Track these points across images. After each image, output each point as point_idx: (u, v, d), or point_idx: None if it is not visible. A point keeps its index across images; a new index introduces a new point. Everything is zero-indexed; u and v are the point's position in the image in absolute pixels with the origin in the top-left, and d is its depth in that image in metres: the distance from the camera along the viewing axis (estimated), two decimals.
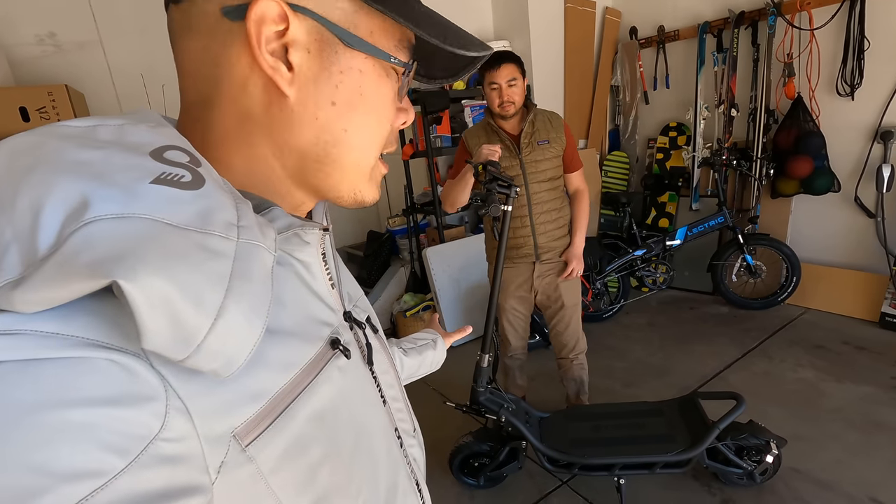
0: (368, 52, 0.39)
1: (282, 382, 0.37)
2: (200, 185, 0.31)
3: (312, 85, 0.38)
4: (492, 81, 1.86)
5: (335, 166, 0.41)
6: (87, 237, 0.25)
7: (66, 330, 0.27)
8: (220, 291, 0.29)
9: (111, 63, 3.32)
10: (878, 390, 2.35)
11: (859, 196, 3.07)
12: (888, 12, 2.78)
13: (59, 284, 0.25)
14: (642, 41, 3.97)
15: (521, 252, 2.01)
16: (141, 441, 0.28)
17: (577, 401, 2.26)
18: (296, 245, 0.42)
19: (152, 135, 0.33)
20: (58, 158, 0.28)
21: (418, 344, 0.87)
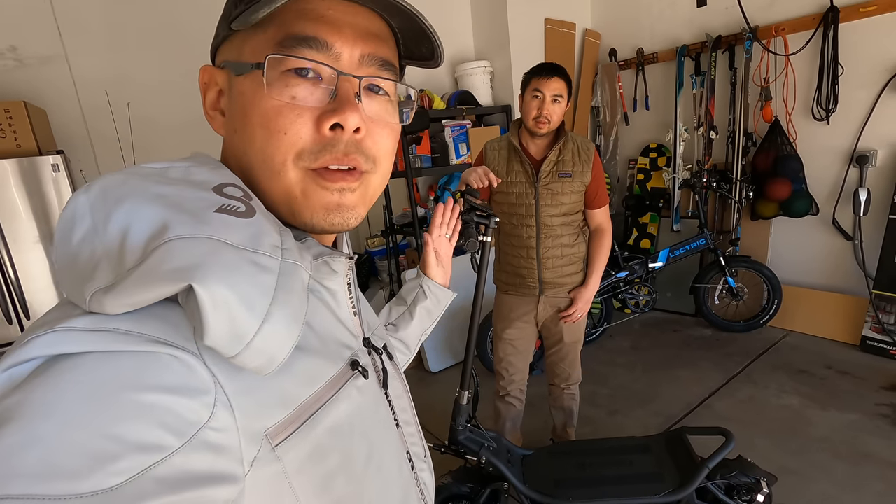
0: (237, 70, 0.42)
1: (307, 394, 0.41)
2: (252, 215, 0.37)
3: (229, 121, 0.45)
4: (536, 89, 1.69)
5: (260, 192, 0.43)
6: (168, 251, 0.31)
7: (139, 329, 0.32)
8: (267, 299, 0.34)
9: (77, 78, 3.18)
10: (864, 418, 2.32)
11: (837, 219, 3.09)
12: (860, 40, 2.83)
13: (144, 289, 0.31)
14: (622, 63, 3.99)
15: (525, 283, 1.87)
16: (193, 426, 0.32)
17: (563, 433, 2.17)
18: (325, 274, 0.47)
19: (213, 174, 0.40)
20: (141, 192, 0.34)
21: (408, 302, 0.88)
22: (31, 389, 0.29)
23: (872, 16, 2.75)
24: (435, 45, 0.47)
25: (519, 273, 1.88)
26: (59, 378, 0.29)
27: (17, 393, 0.29)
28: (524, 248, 1.85)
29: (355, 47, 0.42)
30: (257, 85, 0.41)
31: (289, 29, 0.41)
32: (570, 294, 1.91)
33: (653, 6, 3.73)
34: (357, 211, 0.45)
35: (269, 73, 0.40)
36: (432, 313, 0.89)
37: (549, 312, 1.94)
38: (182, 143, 3.20)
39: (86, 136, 3.19)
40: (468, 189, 1.55)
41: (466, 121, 3.45)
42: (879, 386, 2.56)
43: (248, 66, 0.41)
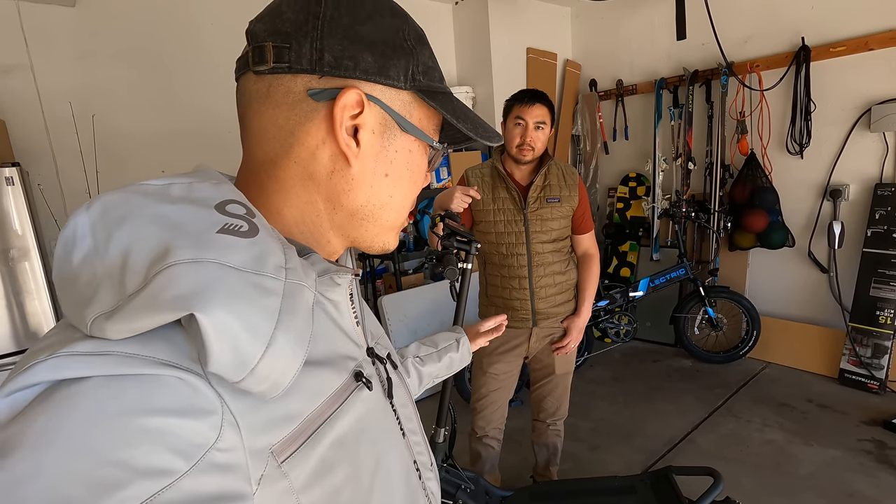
0: (418, 136, 0.47)
1: (311, 408, 0.41)
2: (255, 234, 0.37)
3: (372, 159, 0.46)
4: (519, 116, 1.65)
5: (376, 223, 0.48)
6: (169, 277, 0.31)
7: (143, 352, 0.32)
8: (271, 323, 0.34)
9: (41, 89, 3.04)
10: (846, 454, 2.28)
11: (813, 251, 3.12)
12: (831, 78, 2.92)
13: (146, 316, 0.31)
14: (602, 93, 4.05)
15: (518, 315, 1.78)
16: (200, 449, 0.32)
17: (545, 472, 2.06)
18: (328, 286, 0.47)
19: (215, 191, 0.39)
20: (143, 212, 0.34)
21: (439, 347, 0.94)
22: (33, 417, 0.29)
23: (842, 56, 2.85)
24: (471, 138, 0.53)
25: (511, 305, 1.78)
26: (61, 404, 0.29)
27: (20, 421, 0.29)
28: (516, 277, 1.76)
29: None
30: (423, 152, 0.49)
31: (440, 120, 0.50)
32: (562, 324, 1.84)
33: (631, 40, 3.81)
34: None
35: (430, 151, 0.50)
36: (450, 368, 0.95)
37: (541, 344, 1.85)
38: (148, 157, 3.09)
39: (48, 150, 3.03)
40: (448, 213, 1.48)
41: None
42: (860, 420, 2.53)
43: (429, 139, 0.48)
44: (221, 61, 3.45)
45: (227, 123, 3.31)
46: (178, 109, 3.14)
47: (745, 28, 3.21)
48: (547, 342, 1.84)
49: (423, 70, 0.46)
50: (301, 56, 0.42)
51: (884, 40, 2.70)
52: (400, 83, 0.45)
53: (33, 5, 2.97)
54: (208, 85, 3.18)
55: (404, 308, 3.10)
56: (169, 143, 3.12)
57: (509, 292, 1.77)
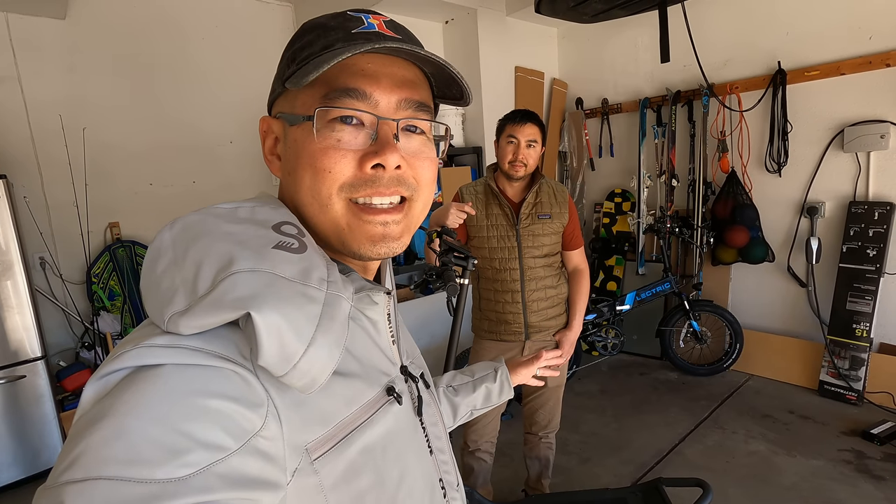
0: (291, 121, 0.48)
1: (345, 414, 0.45)
2: (304, 251, 0.42)
3: (285, 165, 0.50)
4: (511, 135, 1.71)
5: (312, 225, 0.49)
6: (232, 282, 0.37)
7: (207, 347, 0.38)
8: (313, 326, 0.39)
9: (29, 100, 3.01)
10: (828, 464, 2.34)
11: (792, 266, 3.22)
12: (806, 100, 3.05)
13: (212, 314, 0.37)
14: (588, 111, 4.15)
15: (510, 329, 1.82)
16: (248, 433, 0.37)
17: (536, 485, 2.07)
18: (367, 304, 0.51)
19: (273, 213, 0.45)
20: (214, 230, 0.41)
21: (476, 376, 0.93)
22: (120, 393, 0.35)
23: (816, 79, 2.98)
24: (462, 88, 0.52)
25: (504, 319, 1.82)
26: (142, 384, 0.35)
27: (110, 397, 0.35)
28: (509, 292, 1.80)
29: (392, 94, 0.47)
30: (308, 133, 0.47)
31: (333, 83, 0.46)
32: (554, 337, 1.87)
33: (616, 61, 3.93)
34: (402, 240, 0.50)
35: (318, 122, 0.46)
36: (489, 399, 0.92)
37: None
38: (137, 169, 3.07)
39: (34, 161, 2.99)
40: (445, 229, 1.51)
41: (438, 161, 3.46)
42: (839, 431, 2.61)
43: (300, 118, 0.47)
44: (211, 76, 3.47)
45: (217, 137, 3.33)
46: (168, 123, 3.13)
47: (724, 52, 3.34)
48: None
49: (293, 59, 0.48)
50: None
51: (854, 66, 2.84)
52: (279, 88, 0.50)
53: (22, 17, 2.96)
54: (198, 99, 3.18)
55: None
56: (158, 157, 3.11)
57: (502, 306, 1.80)
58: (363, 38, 0.47)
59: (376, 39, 0.47)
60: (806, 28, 3.00)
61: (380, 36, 0.48)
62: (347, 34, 0.47)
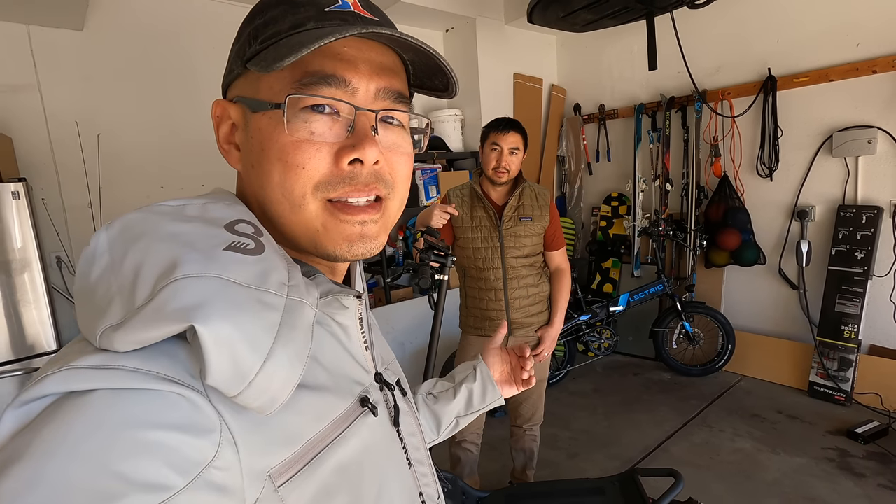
0: (255, 108, 0.43)
1: (314, 431, 0.41)
2: (261, 252, 0.37)
3: (245, 156, 0.45)
4: (495, 142, 1.81)
5: (279, 225, 0.44)
6: (174, 291, 0.32)
7: (147, 367, 0.33)
8: (271, 337, 0.34)
9: (47, 108, 3.18)
10: (811, 461, 2.39)
11: (783, 269, 3.27)
12: (796, 106, 3.11)
13: (151, 328, 0.32)
14: (585, 117, 4.24)
15: (494, 325, 1.91)
16: (198, 466, 0.32)
17: (521, 476, 2.16)
18: (336, 309, 0.47)
19: (227, 210, 0.40)
20: (157, 230, 0.36)
21: (456, 380, 0.84)
22: (40, 427, 0.30)
23: (805, 86, 3.04)
24: (450, 79, 0.47)
25: (488, 315, 1.92)
26: (66, 416, 0.30)
27: (28, 432, 0.30)
28: (492, 290, 1.90)
29: (371, 82, 0.43)
30: (276, 122, 0.41)
31: (306, 67, 0.41)
32: (536, 333, 1.96)
33: (613, 67, 4.02)
34: (379, 239, 0.46)
35: (289, 110, 0.41)
36: (470, 403, 0.82)
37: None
38: (149, 173, 3.22)
39: (51, 165, 3.15)
40: (429, 229, 1.61)
41: (437, 165, 3.57)
42: (825, 430, 2.65)
43: (267, 105, 0.41)
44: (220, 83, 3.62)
45: None
46: (178, 128, 3.28)
47: (716, 58, 3.41)
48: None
49: (255, 36, 0.43)
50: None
51: (842, 72, 2.90)
52: (238, 69, 0.44)
53: (42, 28, 3.13)
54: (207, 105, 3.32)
55: (393, 321, 3.21)
56: (169, 161, 3.25)
57: (486, 303, 1.90)
58: (338, 17, 0.42)
59: (353, 20, 0.43)
60: (795, 36, 3.06)
61: (356, 17, 0.43)
62: (320, 12, 0.42)
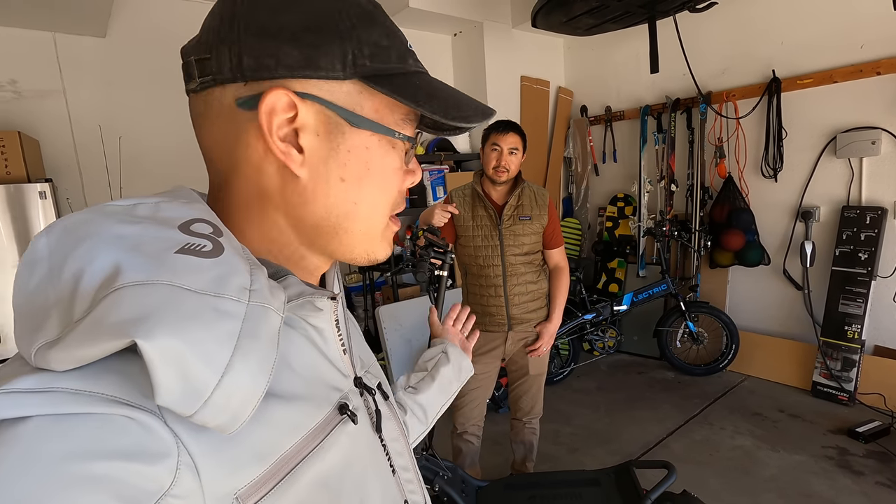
0: (373, 129, 0.42)
1: (287, 445, 0.38)
2: (219, 254, 0.34)
3: (322, 165, 0.41)
4: (495, 143, 1.88)
5: (348, 235, 0.44)
6: (116, 300, 0.29)
7: (91, 388, 0.29)
8: (229, 349, 0.31)
9: (72, 112, 3.33)
10: (810, 459, 2.42)
11: (787, 269, 3.29)
12: (800, 107, 3.13)
13: (89, 344, 0.29)
14: (592, 118, 4.29)
15: (494, 320, 1.98)
16: (152, 497, 0.29)
17: (521, 467, 2.22)
18: (310, 311, 0.43)
19: (183, 209, 0.37)
20: (101, 233, 0.32)
21: (430, 368, 0.84)
22: None
23: (809, 87, 3.06)
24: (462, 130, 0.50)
25: (488, 311, 1.99)
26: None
27: None
28: (492, 286, 1.97)
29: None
30: (385, 145, 0.43)
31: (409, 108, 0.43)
32: (535, 328, 2.03)
33: (619, 70, 4.06)
34: None
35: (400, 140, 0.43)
36: (451, 384, 0.83)
37: (516, 347, 2.04)
38: (170, 178, 3.35)
39: (75, 167, 3.30)
40: (430, 227, 1.69)
41: (444, 166, 3.66)
42: (826, 429, 2.67)
43: (389, 131, 0.42)
44: None
45: None
46: None
47: (721, 61, 3.44)
48: (521, 345, 2.02)
49: (372, 52, 0.40)
50: (222, 64, 0.38)
51: (846, 74, 2.91)
52: (336, 73, 0.39)
53: (67, 36, 3.28)
54: None
55: (400, 318, 3.29)
56: (188, 163, 3.37)
57: (486, 299, 1.97)
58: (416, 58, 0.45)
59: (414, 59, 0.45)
60: (800, 38, 3.08)
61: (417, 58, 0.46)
62: (407, 48, 0.44)
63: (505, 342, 2.01)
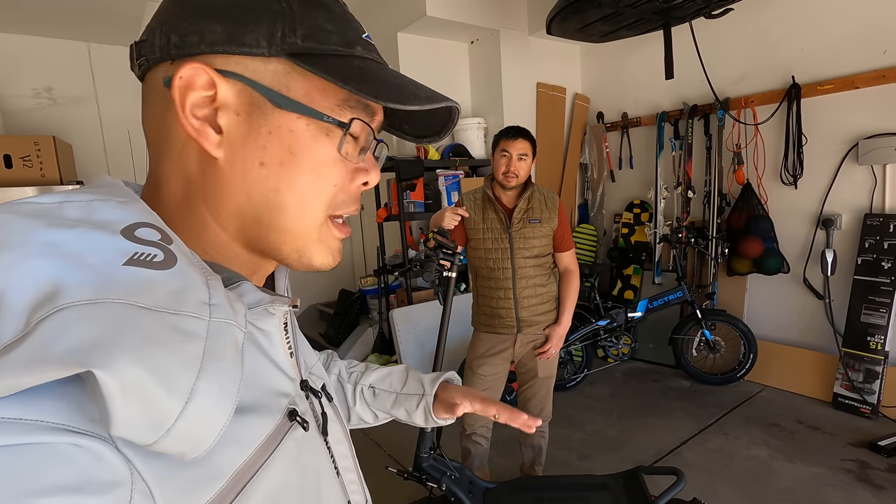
0: (299, 111, 0.39)
1: (240, 460, 0.36)
2: (172, 264, 0.31)
3: (241, 146, 0.38)
4: (504, 149, 1.92)
5: (272, 228, 0.41)
6: (60, 324, 0.25)
7: (28, 415, 0.26)
8: (193, 374, 0.29)
9: (103, 117, 3.48)
10: (828, 472, 2.36)
11: (807, 278, 3.23)
12: (821, 114, 3.08)
13: (29, 372, 0.24)
14: (608, 125, 4.28)
15: (504, 322, 2.00)
16: None
17: (530, 470, 2.23)
18: (260, 315, 0.42)
19: (122, 211, 0.33)
20: (26, 240, 0.27)
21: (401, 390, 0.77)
22: None
23: (830, 93, 3.01)
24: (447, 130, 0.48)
25: (497, 313, 2.01)
26: None
27: None
28: (501, 289, 1.99)
29: (382, 115, 0.46)
30: (317, 132, 0.40)
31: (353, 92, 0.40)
32: (544, 331, 2.04)
33: (636, 76, 4.06)
34: None
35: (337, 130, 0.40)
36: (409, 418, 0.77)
37: (525, 349, 2.06)
38: None
39: (105, 169, 3.45)
40: (440, 230, 1.73)
41: (459, 171, 3.70)
42: (847, 442, 2.60)
43: (318, 114, 0.39)
44: None
45: None
46: None
47: (740, 66, 3.41)
48: (530, 347, 2.04)
49: (306, 33, 0.38)
50: (154, 45, 0.38)
51: (868, 79, 2.86)
52: (261, 49, 0.37)
53: (101, 45, 3.44)
54: None
55: (414, 321, 3.33)
56: None
57: (496, 301, 1.99)
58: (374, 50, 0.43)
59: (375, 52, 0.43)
60: (820, 43, 3.04)
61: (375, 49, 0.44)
62: (359, 36, 0.42)
63: (514, 344, 2.02)
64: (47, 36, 3.26)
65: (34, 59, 3.23)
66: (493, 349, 2.03)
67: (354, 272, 4.77)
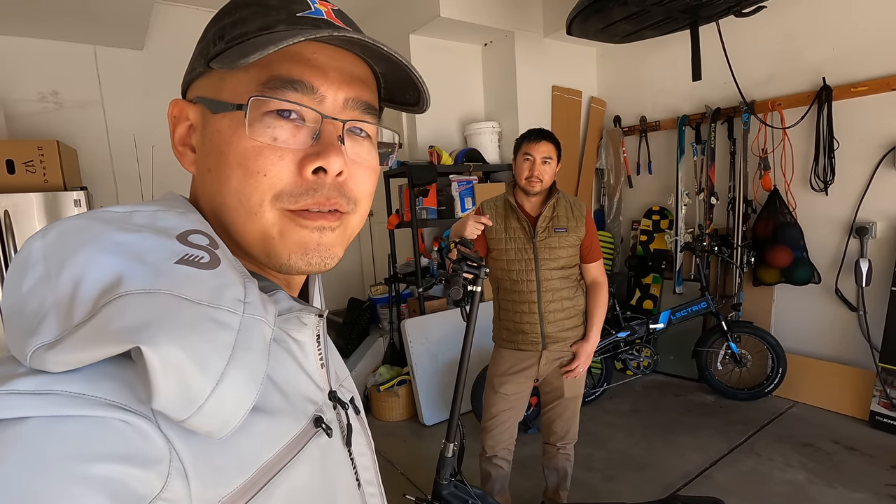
0: (216, 109, 0.41)
1: (266, 456, 0.39)
2: (216, 266, 0.35)
3: (200, 159, 0.44)
4: (527, 152, 1.80)
5: (234, 233, 0.43)
6: (118, 308, 0.30)
7: (89, 391, 0.30)
8: (224, 359, 0.32)
9: (109, 122, 3.40)
10: (872, 497, 2.21)
11: (840, 289, 3.07)
12: (854, 117, 2.94)
13: (91, 347, 0.29)
14: (626, 129, 4.16)
15: (528, 339, 1.87)
16: (144, 500, 0.30)
17: (554, 496, 2.09)
18: (294, 325, 0.44)
19: (180, 220, 0.38)
20: (100, 239, 0.33)
21: None
22: None
23: (864, 95, 2.88)
24: (421, 92, 0.47)
25: (521, 329, 1.88)
26: None
27: None
28: (526, 303, 1.86)
29: (340, 91, 0.42)
30: (237, 124, 0.40)
31: (273, 70, 0.40)
32: (571, 348, 1.91)
33: (655, 79, 3.93)
34: (335, 251, 0.44)
35: (251, 113, 0.39)
36: None
37: (551, 367, 1.92)
38: None
39: (111, 175, 3.36)
40: (462, 240, 1.61)
41: (473, 177, 3.58)
42: (890, 465, 2.45)
43: (229, 106, 0.40)
44: None
45: None
46: None
47: (767, 68, 3.28)
48: (556, 365, 1.91)
49: (221, 35, 0.42)
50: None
51: None
52: (200, 68, 0.43)
53: (107, 49, 3.36)
54: None
55: (426, 332, 3.21)
56: None
57: (520, 316, 1.86)
58: (310, 23, 0.42)
59: (325, 27, 0.42)
60: (853, 43, 2.91)
61: (329, 24, 0.43)
62: (291, 16, 0.41)
63: (539, 362, 1.89)
64: (53, 39, 3.18)
65: (40, 63, 3.15)
66: (517, 367, 1.90)
67: (364, 280, 4.66)
